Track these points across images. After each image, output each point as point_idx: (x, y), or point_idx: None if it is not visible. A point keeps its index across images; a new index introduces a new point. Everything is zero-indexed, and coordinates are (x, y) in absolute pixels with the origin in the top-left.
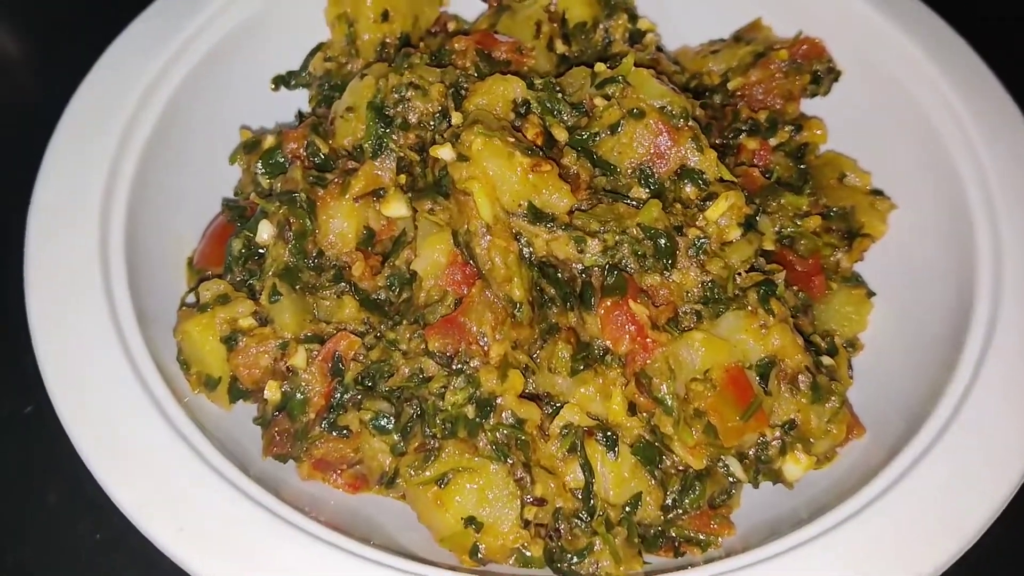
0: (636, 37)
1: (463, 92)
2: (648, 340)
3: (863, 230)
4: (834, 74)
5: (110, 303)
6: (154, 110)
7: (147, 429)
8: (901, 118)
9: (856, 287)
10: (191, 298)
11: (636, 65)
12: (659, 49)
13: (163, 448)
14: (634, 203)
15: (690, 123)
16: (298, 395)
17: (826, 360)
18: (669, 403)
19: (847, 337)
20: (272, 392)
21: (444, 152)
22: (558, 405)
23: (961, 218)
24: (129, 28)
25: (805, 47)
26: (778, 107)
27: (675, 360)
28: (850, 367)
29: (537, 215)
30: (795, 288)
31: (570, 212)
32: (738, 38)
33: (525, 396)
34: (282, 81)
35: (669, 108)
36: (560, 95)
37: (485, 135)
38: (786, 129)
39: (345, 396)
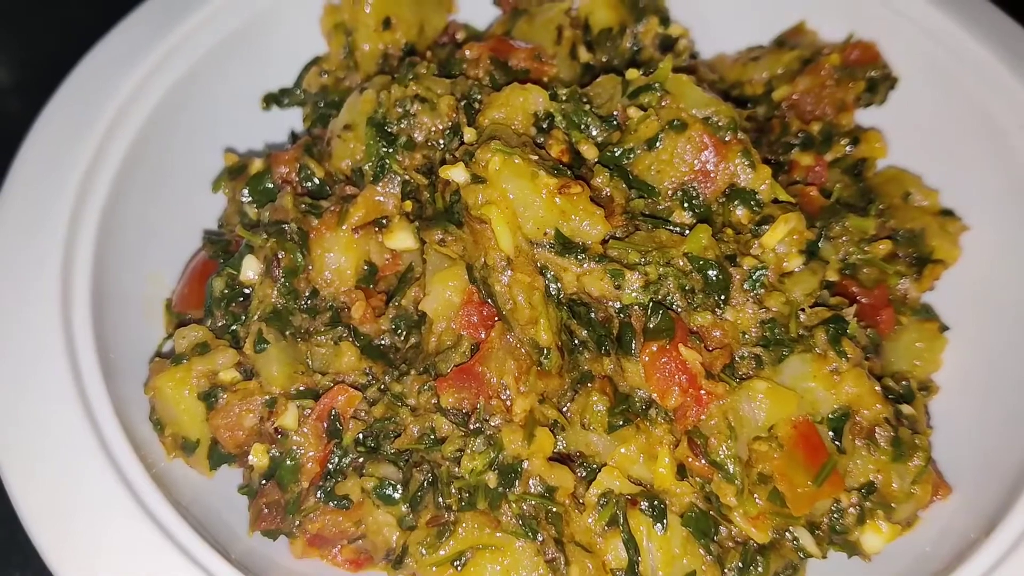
0: (667, 44)
1: (476, 105)
2: (702, 392)
3: (934, 255)
4: (891, 81)
5: (70, 353)
6: (128, 130)
7: (109, 508)
8: (968, 128)
9: (927, 320)
10: (168, 346)
11: (674, 71)
12: (693, 57)
13: (127, 532)
14: (678, 229)
15: (739, 136)
16: (288, 460)
17: (905, 408)
18: (731, 469)
19: (919, 379)
20: (259, 457)
21: (456, 173)
22: (594, 467)
23: None
24: (104, 39)
25: (857, 52)
26: (830, 118)
27: (735, 416)
28: (927, 414)
29: (566, 245)
30: (863, 324)
31: (604, 241)
32: (781, 43)
33: (555, 458)
34: (274, 99)
35: (715, 119)
36: (588, 106)
37: (504, 152)
38: (842, 142)
39: (344, 460)
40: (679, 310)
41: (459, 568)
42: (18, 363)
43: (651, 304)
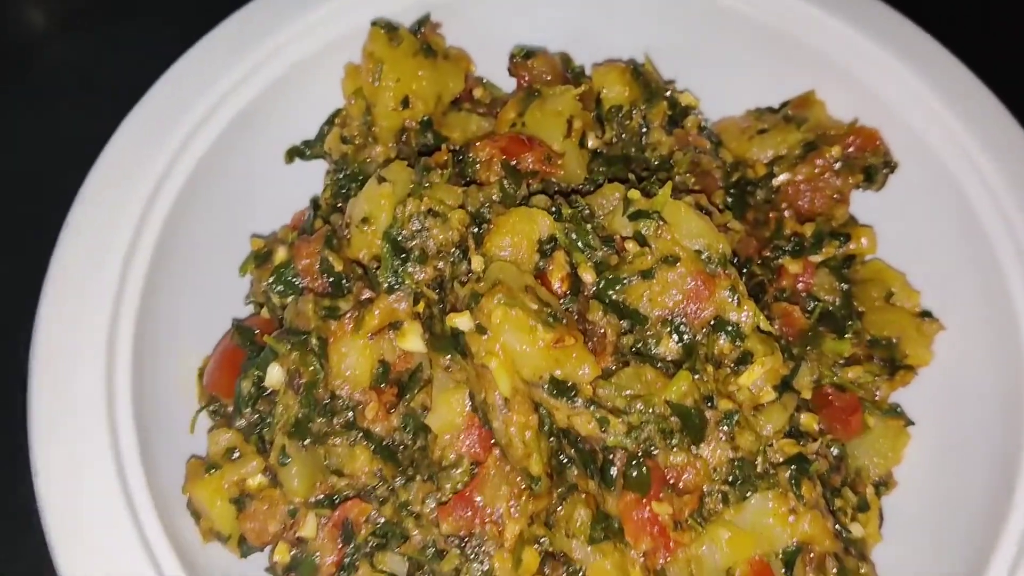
0: (677, 118)
1: (486, 223)
2: (670, 541)
3: (907, 361)
4: (890, 167)
5: (113, 437)
6: (160, 213)
7: None
8: (954, 224)
9: (894, 418)
10: (201, 419)
11: (674, 182)
12: (700, 130)
13: None
14: (662, 365)
15: (728, 270)
16: (308, 561)
17: (856, 530)
18: None
19: (880, 475)
20: (281, 556)
21: (462, 322)
22: (575, 570)
23: (1013, 344)
24: (127, 121)
25: (859, 140)
26: (826, 209)
27: (696, 563)
28: (881, 516)
29: (559, 389)
30: (829, 438)
31: (594, 380)
32: (788, 117)
33: (541, 557)
34: (297, 153)
35: (706, 253)
36: (588, 227)
37: (506, 306)
38: (833, 243)
39: (356, 556)
40: (656, 452)
41: None
42: (62, 439)
43: (632, 458)
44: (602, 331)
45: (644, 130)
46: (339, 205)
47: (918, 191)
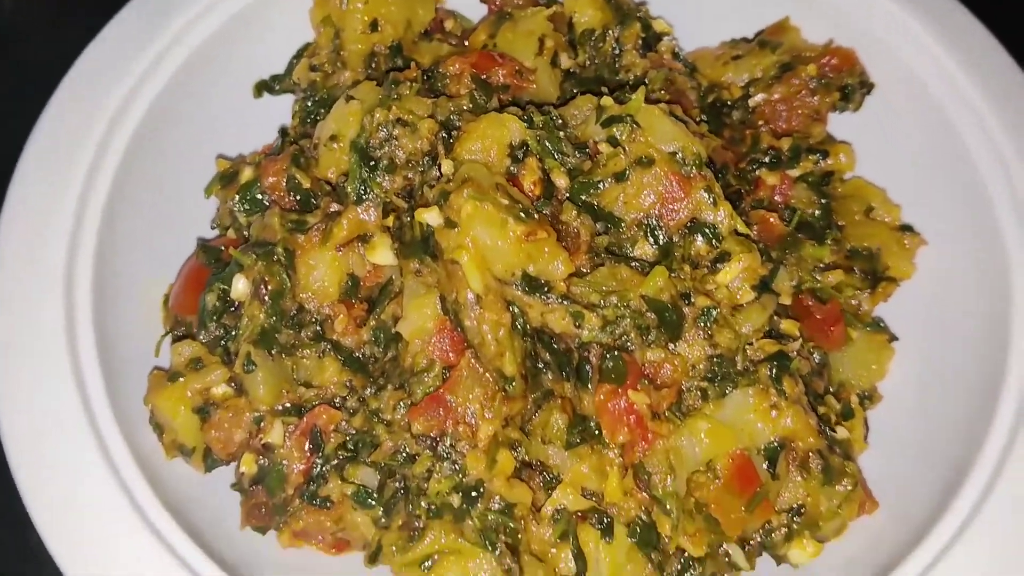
0: (651, 42)
1: (456, 130)
2: (648, 432)
3: (888, 272)
4: (867, 88)
5: (72, 354)
6: (124, 134)
7: (108, 507)
8: (934, 141)
9: (877, 332)
10: (165, 344)
11: (648, 95)
12: (675, 56)
13: (123, 530)
14: (638, 265)
15: (703, 172)
16: (275, 470)
17: (840, 433)
18: (668, 506)
19: (864, 388)
20: (248, 466)
21: (431, 217)
22: (551, 476)
23: (996, 257)
24: (97, 38)
25: (835, 60)
26: (803, 127)
27: (676, 454)
28: (866, 426)
29: (532, 285)
30: (811, 344)
31: (568, 277)
32: (763, 42)
33: (517, 466)
34: (265, 87)
35: (681, 155)
36: (561, 135)
37: (476, 199)
38: (810, 158)
39: (326, 467)
40: (633, 348)
41: (426, 571)
42: (24, 364)
43: (607, 350)
44: (576, 231)
45: (617, 52)
46: (308, 132)
47: (898, 112)
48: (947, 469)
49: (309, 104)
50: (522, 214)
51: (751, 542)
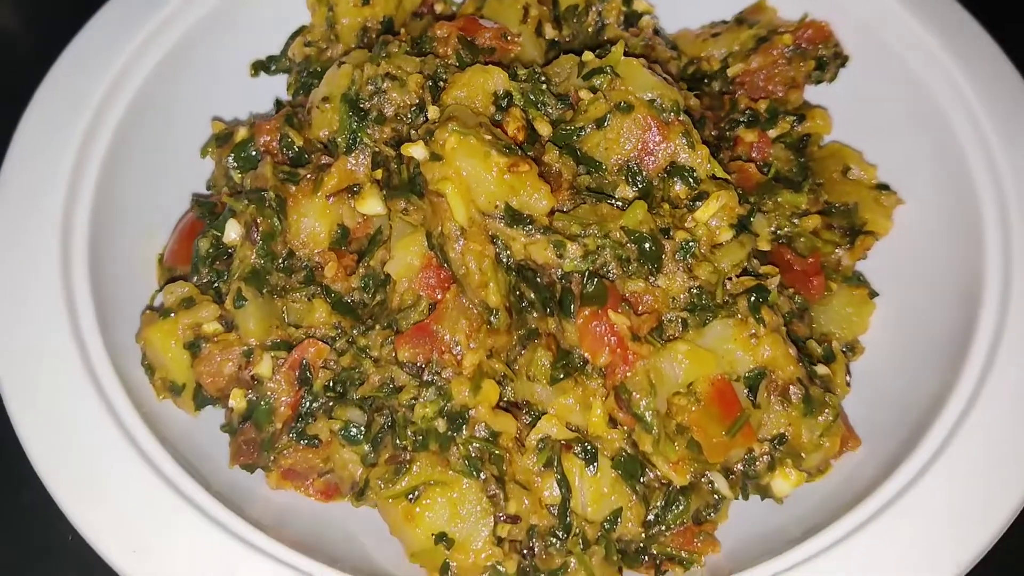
0: (632, 20)
1: (443, 83)
2: (628, 352)
3: (866, 227)
4: (841, 59)
5: (69, 304)
6: (124, 98)
7: (104, 443)
8: (911, 108)
9: (858, 287)
10: (158, 299)
11: (628, 53)
12: (656, 32)
13: (119, 463)
14: (619, 203)
15: (681, 117)
16: (264, 404)
17: (821, 369)
18: (648, 420)
19: (847, 340)
20: (237, 401)
21: (416, 151)
22: (537, 414)
23: (971, 216)
24: (100, 12)
25: (810, 31)
26: (780, 95)
27: (656, 374)
28: (848, 373)
29: (514, 217)
30: (792, 290)
31: (550, 214)
32: (740, 20)
33: (503, 406)
34: (261, 66)
35: (659, 102)
36: (545, 86)
37: (460, 133)
38: (787, 119)
39: (314, 404)
40: (614, 278)
41: (413, 501)
42: (22, 312)
43: (588, 273)
44: (557, 171)
45: (600, 27)
46: (303, 104)
47: (872, 83)
48: (920, 412)
49: (304, 75)
50: (505, 148)
51: (734, 471)
